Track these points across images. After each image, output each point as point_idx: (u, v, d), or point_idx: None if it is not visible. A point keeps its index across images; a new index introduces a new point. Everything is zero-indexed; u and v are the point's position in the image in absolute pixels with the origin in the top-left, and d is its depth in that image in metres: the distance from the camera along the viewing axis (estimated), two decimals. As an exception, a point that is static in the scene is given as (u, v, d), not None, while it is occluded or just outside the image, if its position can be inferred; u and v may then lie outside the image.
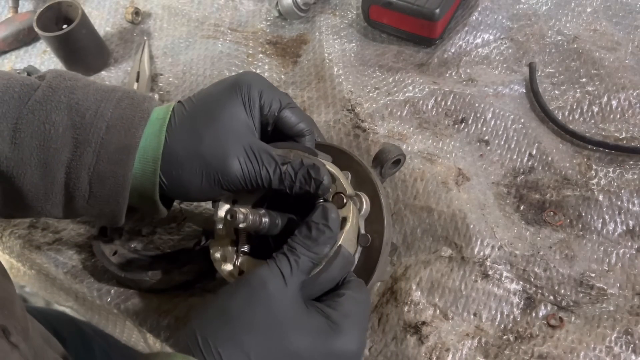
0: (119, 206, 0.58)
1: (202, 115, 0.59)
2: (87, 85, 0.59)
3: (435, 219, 0.70)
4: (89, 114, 0.56)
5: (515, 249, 0.68)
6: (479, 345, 0.63)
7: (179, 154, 0.57)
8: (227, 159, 0.57)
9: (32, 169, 0.55)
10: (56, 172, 0.56)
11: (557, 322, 0.63)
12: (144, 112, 0.57)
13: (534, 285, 0.66)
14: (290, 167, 0.57)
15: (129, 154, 0.56)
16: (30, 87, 0.57)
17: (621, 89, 0.79)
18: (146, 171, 0.57)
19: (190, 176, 0.57)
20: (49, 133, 0.55)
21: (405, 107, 0.81)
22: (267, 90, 0.62)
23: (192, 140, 0.57)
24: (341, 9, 0.97)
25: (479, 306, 0.65)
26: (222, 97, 0.60)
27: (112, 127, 0.56)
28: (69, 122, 0.56)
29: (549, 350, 0.61)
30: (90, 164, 0.55)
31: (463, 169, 0.75)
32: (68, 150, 0.55)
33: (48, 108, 0.56)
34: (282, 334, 0.50)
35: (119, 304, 0.71)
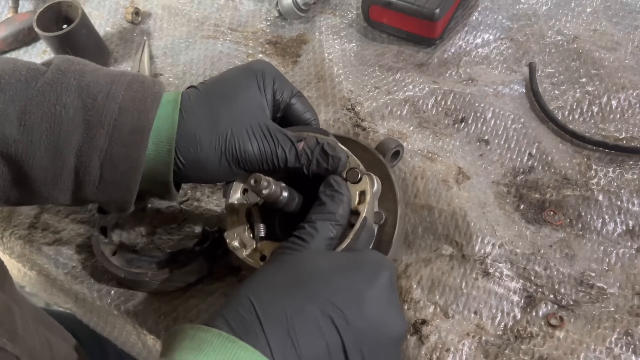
0: (130, 190, 0.57)
1: (218, 96, 0.59)
2: (96, 69, 0.59)
3: (435, 217, 0.70)
4: (100, 97, 0.55)
5: (516, 247, 0.68)
6: (479, 345, 0.63)
7: (197, 133, 0.57)
8: (245, 138, 0.57)
9: (42, 152, 0.54)
10: (66, 155, 0.55)
11: (558, 321, 0.63)
12: (156, 94, 0.57)
13: (534, 284, 0.66)
14: (306, 145, 0.58)
15: (143, 135, 0.55)
16: (38, 70, 0.56)
17: (621, 89, 0.79)
18: (160, 152, 0.57)
19: (208, 155, 0.57)
20: (60, 115, 0.54)
21: (405, 106, 0.81)
22: (280, 77, 0.63)
23: (209, 119, 0.58)
24: (341, 9, 0.97)
25: (480, 304, 0.65)
26: (237, 79, 0.61)
27: (125, 109, 0.55)
28: (79, 104, 0.55)
29: (550, 352, 0.61)
30: (103, 147, 0.55)
31: (463, 168, 0.75)
32: (79, 133, 0.54)
33: (58, 90, 0.55)
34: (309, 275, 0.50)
35: (119, 305, 0.71)
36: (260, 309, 0.47)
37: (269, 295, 0.49)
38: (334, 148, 0.58)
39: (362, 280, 0.50)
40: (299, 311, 0.47)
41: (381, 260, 0.54)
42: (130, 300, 0.71)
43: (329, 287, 0.49)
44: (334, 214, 0.55)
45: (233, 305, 0.48)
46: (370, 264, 0.52)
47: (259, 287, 0.50)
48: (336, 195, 0.55)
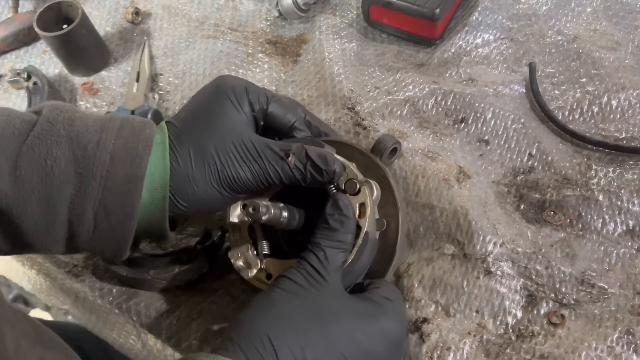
0: (125, 238, 0.56)
1: (198, 128, 0.59)
2: (85, 116, 0.58)
3: (437, 216, 0.70)
4: (90, 146, 0.55)
5: (517, 246, 0.68)
6: (480, 344, 0.63)
7: (189, 174, 0.57)
8: (235, 164, 0.57)
9: (34, 206, 0.54)
10: (59, 208, 0.54)
11: (559, 319, 0.63)
12: (147, 139, 0.56)
13: (535, 283, 0.66)
14: (296, 159, 0.57)
15: (137, 184, 0.55)
16: (29, 122, 0.56)
17: (621, 89, 0.79)
18: (155, 198, 0.56)
19: (206, 191, 0.58)
20: (51, 169, 0.54)
21: (405, 106, 0.81)
22: (251, 87, 0.62)
23: (196, 156, 0.57)
24: (341, 9, 0.97)
25: (481, 303, 0.65)
26: (211, 103, 0.61)
27: (116, 157, 0.55)
28: (70, 156, 0.54)
29: (551, 350, 0.61)
30: (96, 198, 0.54)
31: (464, 167, 0.75)
32: (71, 185, 0.54)
33: (48, 143, 0.54)
34: (329, 323, 0.52)
35: (121, 304, 0.71)
36: (280, 353, 0.49)
37: (290, 340, 0.50)
38: (325, 160, 0.57)
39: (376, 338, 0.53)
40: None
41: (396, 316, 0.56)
42: (132, 298, 0.71)
43: (348, 342, 0.51)
44: (344, 242, 0.55)
45: (250, 341, 0.49)
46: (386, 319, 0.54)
47: (278, 326, 0.51)
48: (345, 222, 0.55)
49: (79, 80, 0.95)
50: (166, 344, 0.68)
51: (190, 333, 0.68)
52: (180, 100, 0.89)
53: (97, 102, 0.92)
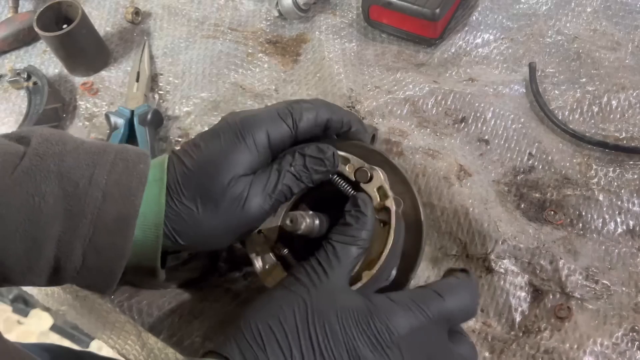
0: (113, 276, 0.54)
1: (208, 170, 0.56)
2: (76, 148, 0.55)
3: (438, 215, 0.70)
4: (82, 183, 0.52)
5: (520, 242, 0.68)
6: (485, 341, 0.63)
7: (194, 216, 0.55)
8: (248, 204, 0.55)
9: (17, 244, 0.51)
10: (44, 247, 0.52)
11: (566, 312, 0.63)
12: (141, 175, 0.54)
13: (540, 278, 0.66)
14: (296, 164, 0.56)
15: (129, 224, 0.52)
16: (15, 155, 0.53)
17: (621, 89, 0.79)
18: (148, 238, 0.54)
19: (211, 233, 0.56)
20: (38, 206, 0.51)
21: (405, 105, 0.81)
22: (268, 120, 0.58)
23: (204, 200, 0.55)
24: (341, 9, 0.97)
25: (486, 301, 0.65)
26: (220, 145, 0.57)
27: (109, 195, 0.52)
28: (60, 193, 0.52)
29: (556, 345, 0.61)
30: (86, 236, 0.52)
31: (464, 165, 0.75)
32: (59, 222, 0.51)
33: (37, 179, 0.51)
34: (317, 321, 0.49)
35: (122, 302, 0.70)
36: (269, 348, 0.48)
37: (279, 336, 0.49)
38: (318, 149, 0.56)
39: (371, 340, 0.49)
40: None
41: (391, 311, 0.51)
42: (133, 297, 0.71)
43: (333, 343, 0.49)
44: (357, 238, 0.53)
45: (245, 336, 0.49)
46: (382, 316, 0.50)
47: (271, 321, 0.49)
48: (360, 218, 0.53)
49: (79, 80, 0.95)
50: (167, 342, 0.68)
51: (192, 331, 0.68)
52: (180, 100, 0.89)
53: (97, 102, 0.92)
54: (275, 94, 0.88)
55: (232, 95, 0.88)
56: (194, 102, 0.89)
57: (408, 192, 0.60)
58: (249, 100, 0.87)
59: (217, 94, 0.89)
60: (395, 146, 0.75)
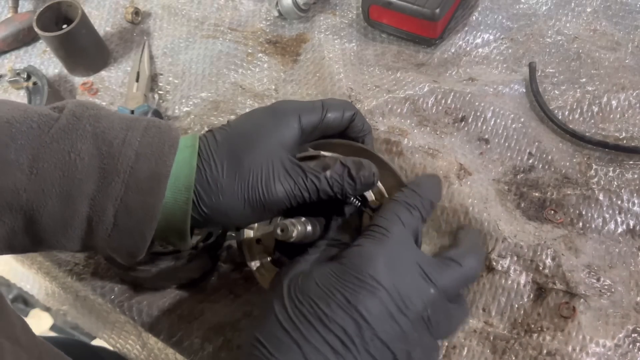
0: (144, 238, 0.54)
1: (237, 140, 0.57)
2: (110, 114, 0.57)
3: (438, 214, 0.70)
4: (116, 143, 0.53)
5: (520, 240, 0.68)
6: (487, 341, 0.63)
7: (218, 181, 0.55)
8: (270, 180, 0.55)
9: (53, 200, 0.52)
10: (79, 204, 0.52)
11: (570, 311, 0.63)
12: (173, 139, 0.55)
13: (544, 275, 0.66)
14: (334, 172, 0.56)
15: (160, 183, 0.53)
16: (50, 116, 0.55)
17: (621, 89, 0.79)
18: (178, 200, 0.54)
19: (231, 202, 0.55)
20: (74, 162, 0.52)
21: (405, 104, 0.81)
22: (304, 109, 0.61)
23: (230, 165, 0.56)
24: (341, 9, 0.97)
25: (488, 300, 0.65)
26: (256, 120, 0.59)
27: (142, 155, 0.53)
28: (95, 151, 0.53)
29: (559, 347, 0.61)
30: (118, 195, 0.52)
31: (464, 164, 0.75)
32: (93, 180, 0.52)
33: (73, 137, 0.53)
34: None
35: (122, 302, 0.70)
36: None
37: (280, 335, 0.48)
38: (360, 166, 0.56)
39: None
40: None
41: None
42: (134, 297, 0.71)
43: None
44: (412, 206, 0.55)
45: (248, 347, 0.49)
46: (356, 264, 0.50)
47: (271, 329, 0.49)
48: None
49: (79, 80, 0.95)
50: (166, 343, 0.68)
51: (191, 332, 0.68)
52: (180, 99, 0.89)
53: (97, 102, 0.92)
54: (275, 93, 0.88)
55: (232, 95, 0.88)
56: (194, 102, 0.89)
57: (399, 185, 0.60)
58: (249, 100, 0.87)
59: (216, 94, 0.89)
60: (395, 145, 0.75)
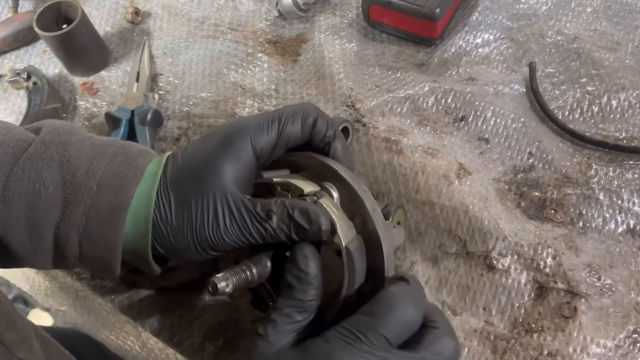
0: (112, 266, 0.55)
1: (188, 177, 0.55)
2: (81, 140, 0.56)
3: (437, 213, 0.70)
4: (79, 172, 0.53)
5: (521, 239, 0.68)
6: (487, 341, 0.63)
7: (168, 223, 0.54)
8: (217, 227, 0.53)
9: (20, 228, 0.53)
10: (44, 232, 0.53)
11: (572, 311, 0.63)
12: (138, 169, 0.54)
13: (544, 274, 0.66)
14: (279, 220, 0.52)
15: (120, 215, 0.53)
16: (26, 142, 0.55)
17: (621, 89, 0.80)
18: (138, 231, 0.54)
19: (183, 245, 0.54)
20: (39, 192, 0.53)
21: (405, 104, 0.81)
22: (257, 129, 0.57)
23: (179, 207, 0.54)
24: (341, 9, 0.97)
25: (488, 300, 0.65)
26: (207, 152, 0.56)
27: (103, 186, 0.53)
28: (60, 181, 0.53)
29: (560, 347, 0.61)
30: (80, 225, 0.53)
31: (464, 164, 0.75)
32: (57, 210, 0.53)
33: (39, 166, 0.53)
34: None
35: (122, 302, 0.70)
36: None
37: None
38: (308, 219, 0.51)
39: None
40: None
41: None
42: (133, 297, 0.71)
43: None
44: (302, 301, 0.50)
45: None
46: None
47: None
48: (303, 278, 0.50)
49: (79, 80, 0.95)
50: (167, 343, 0.68)
51: (192, 332, 0.68)
52: (180, 99, 0.89)
53: (97, 102, 0.92)
54: (275, 93, 0.88)
55: (232, 95, 0.88)
56: (194, 102, 0.88)
57: (360, 208, 0.55)
58: (249, 100, 0.87)
59: (217, 94, 0.89)
60: (395, 144, 0.75)
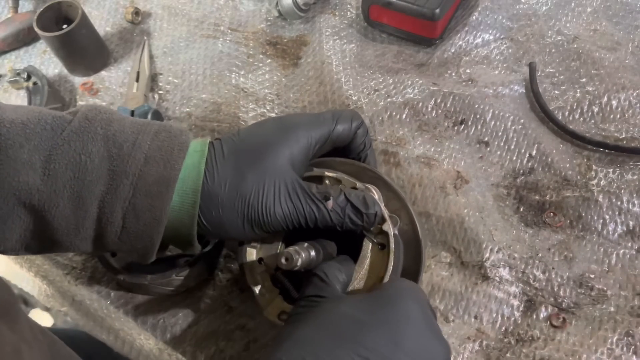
0: (152, 242, 0.55)
1: (245, 154, 0.57)
2: (122, 118, 0.57)
3: (433, 224, 0.71)
4: (126, 146, 0.54)
5: (514, 252, 0.68)
6: (480, 349, 0.63)
7: (220, 194, 0.55)
8: (270, 201, 0.55)
9: (65, 201, 0.53)
10: (89, 205, 0.53)
11: (561, 322, 0.64)
12: (182, 144, 0.55)
13: (533, 288, 0.67)
14: (335, 203, 0.55)
15: (168, 186, 0.53)
16: (63, 119, 0.55)
17: (621, 89, 0.79)
18: (185, 203, 0.55)
19: (230, 218, 0.55)
20: (85, 164, 0.53)
21: (404, 109, 0.81)
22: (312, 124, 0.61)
23: (233, 180, 0.55)
24: (341, 9, 0.97)
25: (480, 309, 0.65)
26: (266, 135, 0.59)
27: (151, 158, 0.54)
28: (105, 153, 0.53)
29: (551, 354, 0.62)
30: (126, 197, 0.53)
31: (462, 172, 0.75)
32: (103, 182, 0.53)
33: (85, 139, 0.53)
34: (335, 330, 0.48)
35: (118, 308, 0.71)
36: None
37: (295, 352, 0.46)
38: (365, 203, 0.56)
39: (394, 317, 0.48)
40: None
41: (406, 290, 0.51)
42: (129, 303, 0.71)
43: (361, 331, 0.47)
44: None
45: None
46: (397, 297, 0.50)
47: (287, 349, 0.47)
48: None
49: (79, 80, 0.95)
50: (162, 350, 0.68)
51: (185, 339, 0.68)
52: (180, 100, 0.89)
53: (97, 102, 0.92)
54: (277, 99, 0.87)
55: (234, 98, 0.88)
56: (195, 103, 0.88)
57: (403, 207, 0.60)
58: (252, 104, 0.87)
59: (218, 96, 0.89)
60: (393, 156, 0.76)
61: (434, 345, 0.49)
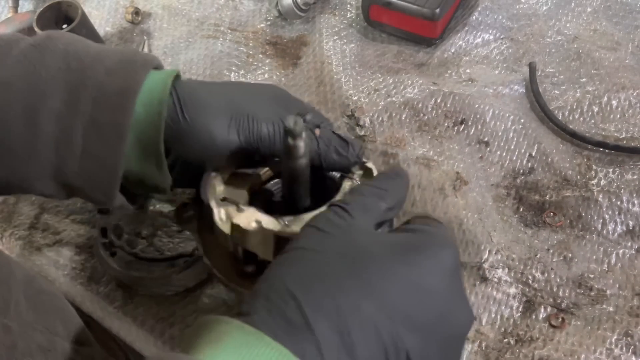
0: (116, 165, 0.50)
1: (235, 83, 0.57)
2: (89, 41, 0.55)
3: (432, 226, 0.71)
4: (87, 59, 0.51)
5: (512, 253, 0.68)
6: (479, 350, 0.63)
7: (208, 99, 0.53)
8: (260, 116, 0.53)
9: (17, 113, 0.49)
10: (45, 123, 0.49)
11: (560, 322, 0.64)
12: (147, 60, 0.53)
13: (532, 289, 0.66)
14: (322, 132, 0.54)
15: (129, 97, 0.50)
16: (21, 37, 0.54)
17: (621, 89, 0.79)
18: (150, 113, 0.51)
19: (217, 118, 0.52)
20: (39, 74, 0.50)
21: (404, 109, 0.81)
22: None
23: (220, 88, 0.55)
24: (341, 9, 0.97)
25: (479, 310, 0.65)
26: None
27: (112, 71, 0.51)
28: (64, 66, 0.50)
29: (550, 354, 0.61)
30: (86, 111, 0.49)
31: (461, 173, 0.75)
32: (59, 95, 0.50)
33: (43, 52, 0.51)
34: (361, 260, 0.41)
35: (117, 308, 0.71)
36: (307, 307, 0.38)
37: (317, 290, 0.39)
38: (349, 141, 0.55)
39: (425, 269, 0.41)
40: (354, 309, 0.38)
41: (444, 240, 0.44)
42: (128, 303, 0.71)
43: (388, 280, 0.40)
44: (387, 191, 0.48)
45: (272, 299, 0.39)
46: (432, 246, 0.43)
47: (301, 278, 0.40)
48: (395, 178, 0.50)
49: (79, 80, 0.95)
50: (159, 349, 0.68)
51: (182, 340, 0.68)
52: (180, 100, 0.89)
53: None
54: (277, 100, 0.88)
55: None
56: (194, 103, 0.88)
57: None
58: (251, 104, 0.87)
59: (218, 96, 0.89)
60: (392, 157, 0.76)
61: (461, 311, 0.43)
